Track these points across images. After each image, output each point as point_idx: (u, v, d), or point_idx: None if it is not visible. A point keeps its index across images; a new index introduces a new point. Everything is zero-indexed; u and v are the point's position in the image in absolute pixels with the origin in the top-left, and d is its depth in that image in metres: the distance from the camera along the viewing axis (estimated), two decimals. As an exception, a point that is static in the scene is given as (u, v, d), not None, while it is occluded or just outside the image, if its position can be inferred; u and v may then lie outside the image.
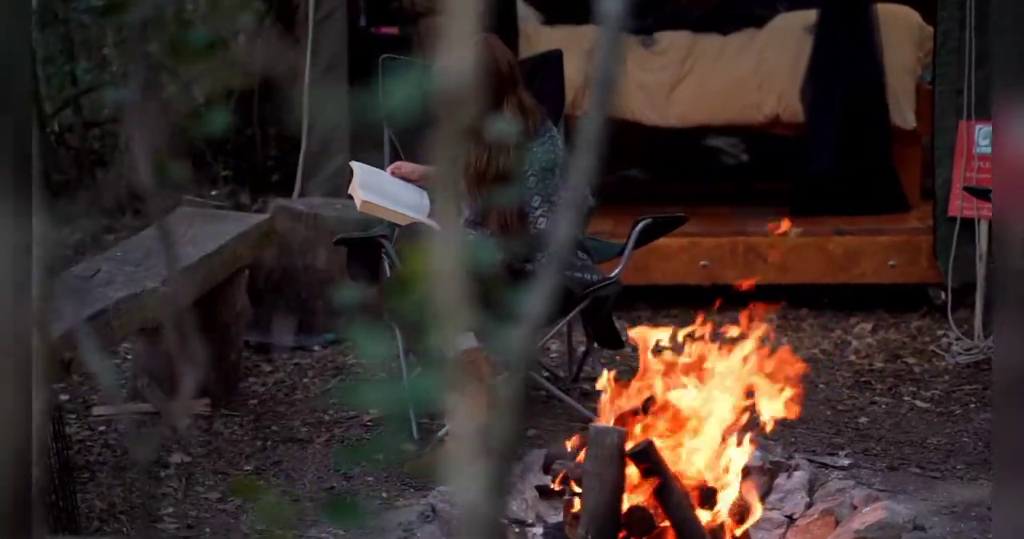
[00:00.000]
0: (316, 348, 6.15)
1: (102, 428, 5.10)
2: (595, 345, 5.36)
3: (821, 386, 5.61)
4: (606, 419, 3.93)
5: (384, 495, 4.55)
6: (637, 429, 3.89)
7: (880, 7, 7.22)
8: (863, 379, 5.68)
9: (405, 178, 5.20)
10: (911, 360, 5.97)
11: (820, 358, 6.02)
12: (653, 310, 6.77)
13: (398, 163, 5.25)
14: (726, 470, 3.91)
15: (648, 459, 3.75)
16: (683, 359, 3.98)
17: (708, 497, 3.86)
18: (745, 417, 3.93)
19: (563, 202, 4.73)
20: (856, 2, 7.19)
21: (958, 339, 6.12)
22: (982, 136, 6.20)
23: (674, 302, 6.80)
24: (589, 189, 5.03)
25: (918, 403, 5.37)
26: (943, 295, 6.34)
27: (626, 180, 8.98)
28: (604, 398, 4.01)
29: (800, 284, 6.75)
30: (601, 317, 5.17)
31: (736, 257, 6.69)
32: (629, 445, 3.75)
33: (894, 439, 4.95)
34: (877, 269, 6.63)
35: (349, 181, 5.15)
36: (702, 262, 6.71)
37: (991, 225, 5.56)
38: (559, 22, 7.90)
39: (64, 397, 5.49)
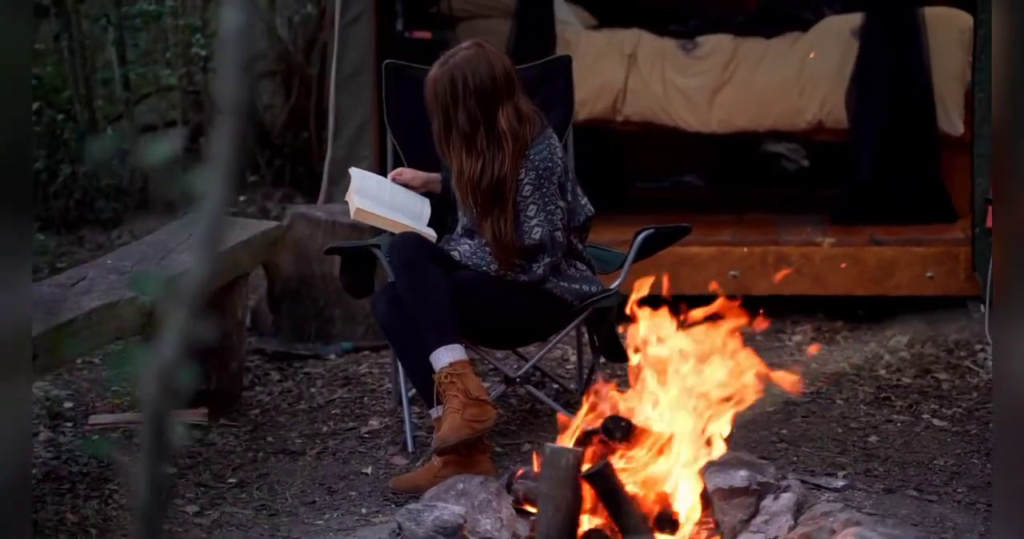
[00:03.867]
0: (332, 357, 6.07)
1: (96, 437, 5.05)
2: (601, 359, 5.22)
3: (839, 402, 5.43)
4: (568, 438, 3.80)
5: (363, 511, 4.45)
6: (598, 450, 3.76)
7: (928, 10, 7.01)
8: (884, 395, 5.49)
9: (406, 185, 5.10)
10: (942, 376, 5.77)
11: (847, 372, 5.84)
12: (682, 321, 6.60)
13: (399, 169, 5.15)
14: (687, 491, 3.77)
15: (604, 481, 3.62)
16: (648, 376, 3.83)
17: (668, 520, 3.72)
18: (707, 436, 3.78)
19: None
20: (902, 5, 7.00)
21: (995, 354, 5.91)
22: (1022, 143, 5.98)
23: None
24: (586, 198, 4.94)
25: (935, 421, 5.18)
26: (982, 308, 6.13)
27: (681, 186, 8.83)
28: (573, 416, 3.88)
29: (834, 296, 6.58)
30: (604, 329, 5.04)
31: (767, 267, 6.52)
32: (586, 466, 3.63)
33: (900, 459, 4.77)
34: (913, 281, 6.44)
35: (347, 187, 5.07)
36: (732, 272, 6.55)
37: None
38: (611, 25, 7.79)
39: (68, 404, 5.46)
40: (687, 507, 3.79)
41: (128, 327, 4.42)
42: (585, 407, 3.95)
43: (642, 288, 4.51)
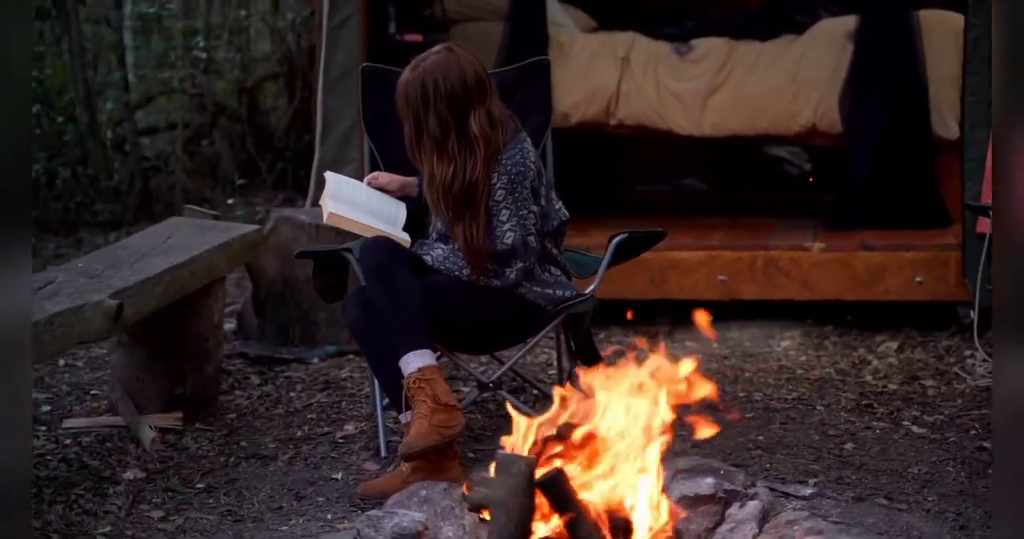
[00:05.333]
0: (315, 361, 6.05)
1: (68, 441, 5.03)
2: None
3: (820, 408, 5.38)
4: (522, 445, 3.76)
5: (329, 517, 4.42)
6: (552, 456, 3.72)
7: (923, 13, 6.95)
8: (866, 402, 5.44)
9: (382, 189, 5.07)
10: (929, 382, 5.72)
11: (833, 378, 5.79)
12: (672, 324, 6.58)
13: (375, 173, 5.12)
14: (643, 498, 3.72)
15: (556, 488, 3.58)
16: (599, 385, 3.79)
17: (622, 528, 3.68)
18: (662, 442, 3.74)
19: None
20: (897, 7, 6.94)
21: (984, 361, 5.85)
22: (1013, 148, 5.91)
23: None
24: (561, 203, 4.90)
25: (915, 429, 5.13)
26: (972, 314, 6.07)
27: (681, 189, 8.79)
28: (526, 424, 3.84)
29: (824, 300, 6.52)
30: (580, 334, 5.00)
31: (755, 272, 6.47)
32: (539, 473, 3.59)
33: (874, 467, 4.72)
34: (903, 286, 6.38)
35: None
36: (720, 276, 6.50)
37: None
38: (611, 26, 7.76)
39: (46, 408, 5.45)
40: (643, 514, 3.74)
41: (93, 331, 4.39)
42: (547, 412, 3.90)
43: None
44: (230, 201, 8.47)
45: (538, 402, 5.31)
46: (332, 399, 5.56)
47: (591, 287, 4.92)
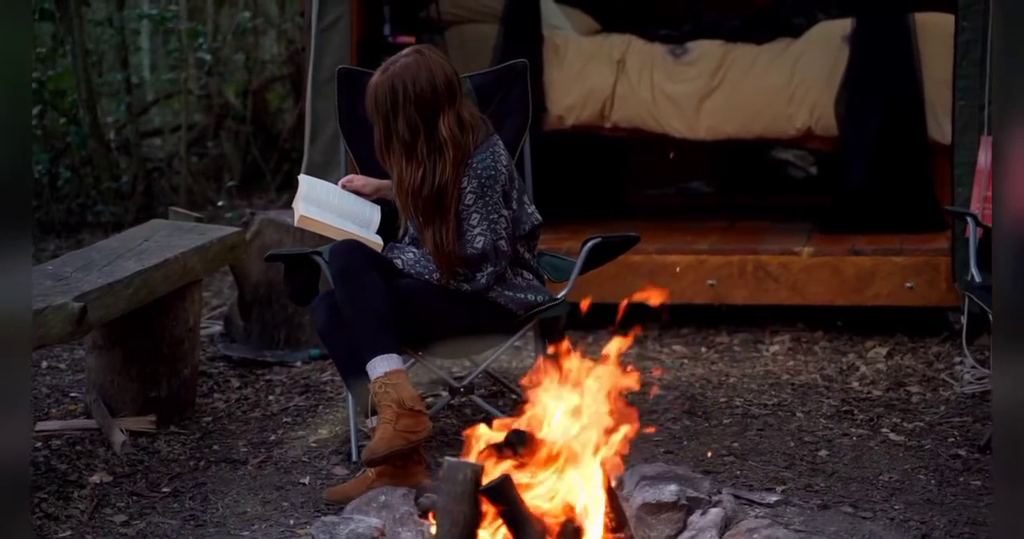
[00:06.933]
0: (298, 364, 6.03)
1: (38, 445, 5.02)
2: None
3: (799, 415, 5.33)
4: (471, 452, 3.73)
5: (291, 523, 4.39)
6: (502, 464, 3.69)
7: (919, 16, 6.89)
8: (846, 408, 5.38)
9: (357, 192, 5.05)
10: (914, 389, 5.66)
11: (818, 384, 5.74)
12: (662, 329, 6.53)
13: (349, 176, 5.10)
14: (590, 505, 3.69)
15: (502, 496, 3.54)
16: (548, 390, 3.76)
17: (571, 534, 3.64)
18: (611, 448, 3.71)
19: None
20: (893, 11, 6.88)
21: (973, 367, 5.79)
22: (1004, 153, 5.83)
23: (684, 321, 6.57)
24: (534, 207, 4.86)
25: (892, 436, 5.07)
26: (962, 320, 6.00)
27: (686, 192, 8.75)
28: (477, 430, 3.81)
29: (814, 306, 6.47)
30: (555, 339, 4.96)
31: (745, 276, 6.42)
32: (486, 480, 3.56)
33: (845, 474, 4.67)
34: (893, 291, 6.32)
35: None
36: (709, 281, 6.45)
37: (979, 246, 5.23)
38: (614, 28, 7.72)
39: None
40: (594, 521, 3.70)
41: (54, 334, 4.37)
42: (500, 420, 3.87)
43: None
44: (220, 203, 8.45)
45: (515, 406, 5.27)
46: (310, 403, 5.54)
47: (563, 291, 4.89)
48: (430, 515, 3.76)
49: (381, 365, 4.54)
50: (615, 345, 3.81)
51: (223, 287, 7.43)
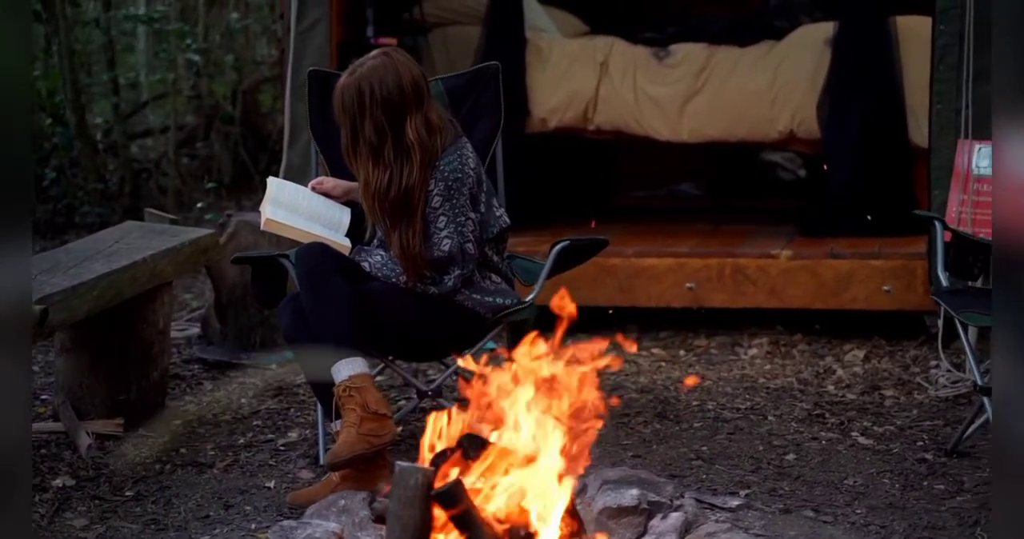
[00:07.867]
0: (272, 366, 6.02)
1: (5, 447, 5.01)
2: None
3: (771, 418, 5.32)
4: (424, 457, 3.72)
5: (252, 527, 4.37)
6: (455, 469, 3.67)
7: (900, 19, 6.88)
8: (818, 412, 5.37)
9: (327, 194, 5.03)
10: (888, 392, 5.64)
11: (793, 387, 5.72)
12: (641, 331, 6.52)
13: (320, 178, 5.09)
14: (547, 510, 3.67)
15: (454, 501, 3.53)
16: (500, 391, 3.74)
17: (522, 540, 3.63)
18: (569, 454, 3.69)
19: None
20: (875, 14, 6.86)
21: (948, 371, 5.77)
22: (981, 156, 5.80)
23: (663, 324, 6.55)
24: (503, 209, 4.85)
25: (861, 440, 5.05)
26: (939, 323, 5.98)
27: (676, 195, 8.72)
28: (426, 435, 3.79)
29: (793, 309, 6.45)
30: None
31: (724, 280, 6.40)
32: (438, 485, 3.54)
33: (810, 478, 4.65)
34: (870, 295, 6.30)
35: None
36: (688, 284, 6.43)
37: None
38: (602, 30, 7.71)
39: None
40: (549, 525, 3.68)
41: (14, 337, 4.36)
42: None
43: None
44: (199, 204, 8.43)
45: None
46: (282, 405, 5.53)
47: (531, 295, 4.88)
48: (383, 520, 3.73)
49: (346, 368, 4.53)
50: (586, 348, 3.80)
51: (204, 289, 7.41)
